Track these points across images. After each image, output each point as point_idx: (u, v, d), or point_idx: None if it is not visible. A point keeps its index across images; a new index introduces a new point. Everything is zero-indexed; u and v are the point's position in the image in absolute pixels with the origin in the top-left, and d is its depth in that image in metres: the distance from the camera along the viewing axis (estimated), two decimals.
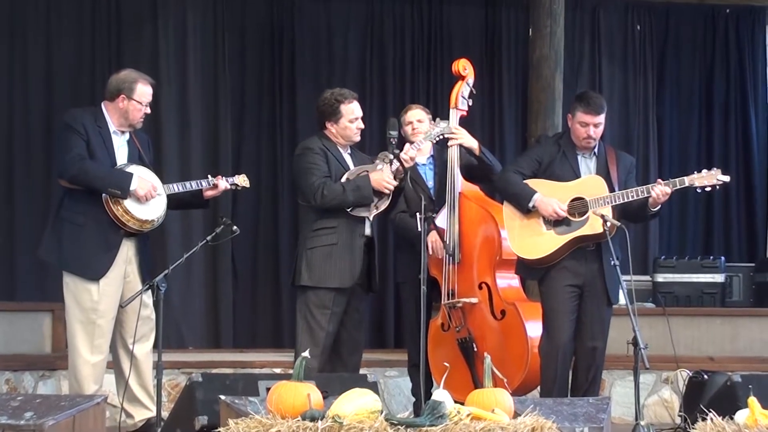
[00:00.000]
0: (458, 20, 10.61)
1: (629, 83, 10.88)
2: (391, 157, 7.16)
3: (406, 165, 7.16)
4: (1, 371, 8.03)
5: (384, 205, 7.20)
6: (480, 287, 7.44)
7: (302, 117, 10.11)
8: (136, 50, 9.90)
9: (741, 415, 5.52)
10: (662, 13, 10.99)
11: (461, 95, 7.69)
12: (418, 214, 6.97)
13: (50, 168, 9.64)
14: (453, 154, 7.57)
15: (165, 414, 6.44)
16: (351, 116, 7.27)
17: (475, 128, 7.91)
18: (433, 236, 7.38)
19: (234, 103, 10.15)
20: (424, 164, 7.74)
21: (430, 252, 7.43)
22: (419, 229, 6.98)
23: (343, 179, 7.16)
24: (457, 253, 7.46)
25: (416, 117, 7.76)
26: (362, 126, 7.36)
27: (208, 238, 6.75)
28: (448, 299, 7.44)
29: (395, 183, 7.14)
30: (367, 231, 7.22)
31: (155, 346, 6.68)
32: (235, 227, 6.81)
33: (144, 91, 7.01)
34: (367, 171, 7.21)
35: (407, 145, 7.41)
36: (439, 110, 9.64)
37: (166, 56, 9.92)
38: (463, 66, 7.77)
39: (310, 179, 7.14)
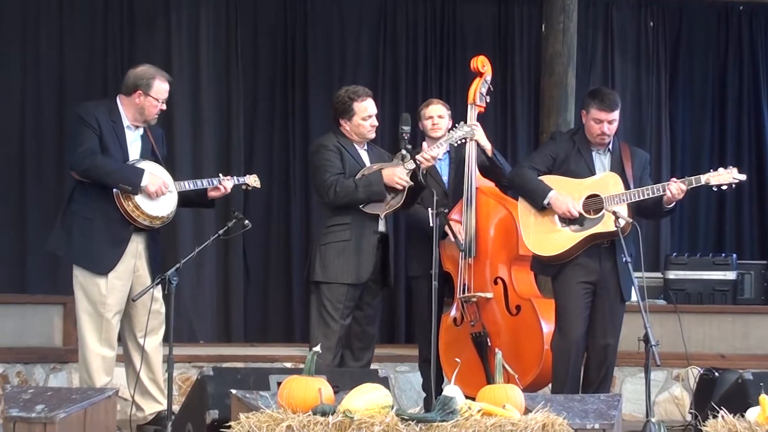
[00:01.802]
0: (471, 16, 10.59)
1: (642, 79, 10.85)
2: (406, 154, 7.16)
3: (424, 165, 7.16)
4: (13, 364, 8.05)
5: (398, 203, 7.20)
6: (495, 282, 7.45)
7: (314, 113, 10.11)
8: (149, 46, 9.89)
9: (752, 413, 5.53)
10: (675, 10, 10.96)
11: (479, 92, 7.73)
12: (429, 209, 6.98)
13: (62, 163, 9.64)
14: (470, 149, 7.57)
15: (176, 408, 6.45)
16: (364, 114, 7.28)
17: (488, 124, 7.91)
18: (454, 226, 7.40)
19: (246, 99, 10.15)
20: (440, 159, 7.73)
21: (452, 238, 7.42)
22: (431, 225, 6.99)
23: (359, 176, 7.18)
24: (473, 248, 7.47)
25: (437, 112, 7.75)
26: (376, 123, 7.38)
27: (220, 232, 6.75)
28: (463, 293, 7.44)
29: (407, 179, 7.13)
30: (381, 227, 7.24)
31: (166, 339, 6.68)
32: (246, 221, 6.83)
33: (161, 87, 7.01)
34: (383, 168, 7.22)
35: (424, 144, 7.40)
36: (453, 106, 9.64)
37: (178, 52, 9.91)
38: (482, 63, 7.80)
39: (324, 176, 7.16)
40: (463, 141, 7.45)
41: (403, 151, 7.18)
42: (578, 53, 9.79)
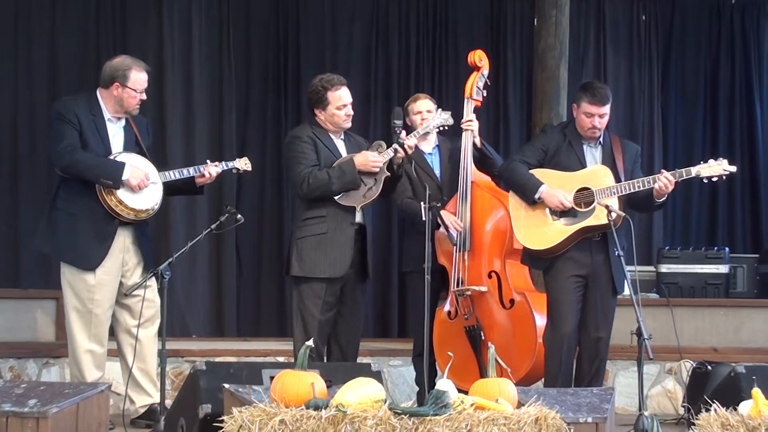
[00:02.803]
0: (463, 10, 10.59)
1: (634, 73, 10.86)
2: (382, 143, 7.11)
3: (400, 153, 7.09)
4: (5, 358, 8.03)
5: (374, 194, 7.12)
6: (489, 276, 7.46)
7: (306, 110, 10.09)
8: (141, 39, 9.87)
9: (744, 406, 5.53)
10: (668, 4, 10.97)
11: (476, 86, 7.74)
12: (422, 203, 6.95)
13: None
14: (466, 143, 7.58)
15: (168, 402, 6.44)
16: (339, 103, 7.16)
17: (480, 117, 7.89)
18: (447, 214, 7.40)
19: (238, 92, 10.14)
20: (430, 153, 7.74)
21: (444, 231, 7.43)
22: (423, 219, 6.96)
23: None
24: (467, 242, 7.47)
25: (426, 107, 7.74)
26: (351, 112, 7.24)
27: (213, 226, 6.71)
28: (457, 287, 7.44)
29: (381, 160, 7.05)
30: (359, 219, 7.14)
31: (159, 333, 6.68)
32: (239, 216, 6.79)
33: (138, 78, 6.95)
34: None
35: (402, 132, 7.29)
36: (444, 99, 9.70)
37: (171, 45, 9.89)
38: (479, 57, 7.82)
39: (297, 168, 7.08)
40: (442, 128, 7.43)
41: (384, 144, 7.09)
42: (571, 47, 9.78)
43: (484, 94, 7.81)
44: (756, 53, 11.01)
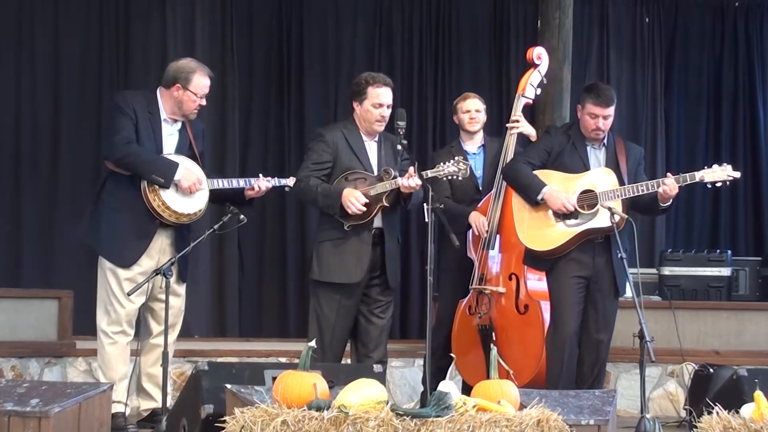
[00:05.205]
0: (467, 11, 10.60)
1: (637, 75, 10.87)
2: (392, 173, 6.94)
3: (403, 190, 6.85)
4: (7, 358, 8.03)
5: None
6: (510, 278, 7.44)
7: (310, 108, 10.11)
8: (144, 42, 9.90)
9: (747, 409, 5.52)
10: (671, 5, 10.98)
11: (530, 83, 7.76)
12: (425, 204, 6.85)
13: (56, 157, 9.67)
14: (509, 142, 7.56)
15: (170, 402, 6.44)
16: (375, 100, 6.97)
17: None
18: (476, 217, 7.43)
19: (242, 94, 10.14)
20: (475, 153, 7.69)
21: (475, 232, 7.42)
22: (426, 220, 6.87)
23: (336, 180, 6.94)
24: (493, 240, 7.45)
25: (475, 107, 7.71)
26: (386, 114, 7.02)
27: (215, 226, 6.68)
28: (479, 284, 7.43)
29: (360, 207, 6.81)
30: (377, 223, 6.96)
31: (166, 333, 6.63)
32: (242, 216, 6.73)
33: (201, 82, 6.89)
34: (364, 178, 6.95)
35: (411, 169, 6.82)
36: (448, 99, 9.68)
37: (174, 47, 9.87)
38: (538, 54, 7.83)
39: (302, 166, 7.05)
40: (450, 178, 7.02)
41: (395, 172, 6.91)
42: (574, 49, 9.76)
43: (538, 93, 7.79)
44: (759, 55, 11.02)
